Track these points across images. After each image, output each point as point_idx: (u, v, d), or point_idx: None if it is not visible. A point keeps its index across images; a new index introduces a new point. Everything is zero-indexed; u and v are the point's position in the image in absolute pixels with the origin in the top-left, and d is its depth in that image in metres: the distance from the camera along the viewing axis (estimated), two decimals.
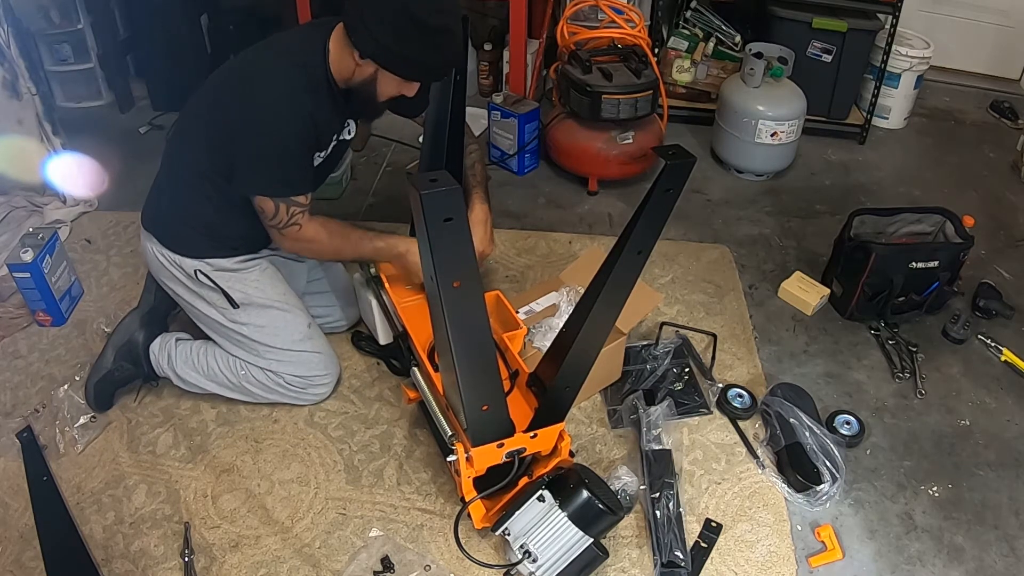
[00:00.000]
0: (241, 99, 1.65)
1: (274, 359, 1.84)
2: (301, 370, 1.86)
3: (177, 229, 1.81)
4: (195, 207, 1.78)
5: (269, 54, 1.71)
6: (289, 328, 1.85)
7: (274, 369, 1.84)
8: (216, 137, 1.68)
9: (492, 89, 3.38)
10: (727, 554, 1.64)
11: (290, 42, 1.73)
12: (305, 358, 1.86)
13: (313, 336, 1.90)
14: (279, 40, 1.75)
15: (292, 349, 1.85)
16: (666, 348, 2.06)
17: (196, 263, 1.80)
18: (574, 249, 2.52)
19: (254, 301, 1.83)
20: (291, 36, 1.76)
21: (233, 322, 1.83)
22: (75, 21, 3.13)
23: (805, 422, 1.81)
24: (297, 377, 1.86)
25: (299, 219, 1.71)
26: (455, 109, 1.85)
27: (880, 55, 3.10)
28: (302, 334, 1.87)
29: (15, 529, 1.67)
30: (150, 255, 1.85)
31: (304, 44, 1.69)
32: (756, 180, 2.95)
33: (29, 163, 2.56)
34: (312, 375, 1.88)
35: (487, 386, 1.36)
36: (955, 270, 2.21)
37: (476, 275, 1.19)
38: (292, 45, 1.71)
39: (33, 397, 1.97)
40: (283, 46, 1.72)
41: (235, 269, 1.84)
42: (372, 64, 1.63)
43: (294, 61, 1.66)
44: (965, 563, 1.65)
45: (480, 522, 1.60)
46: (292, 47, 1.70)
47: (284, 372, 1.85)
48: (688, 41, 3.20)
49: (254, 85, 1.65)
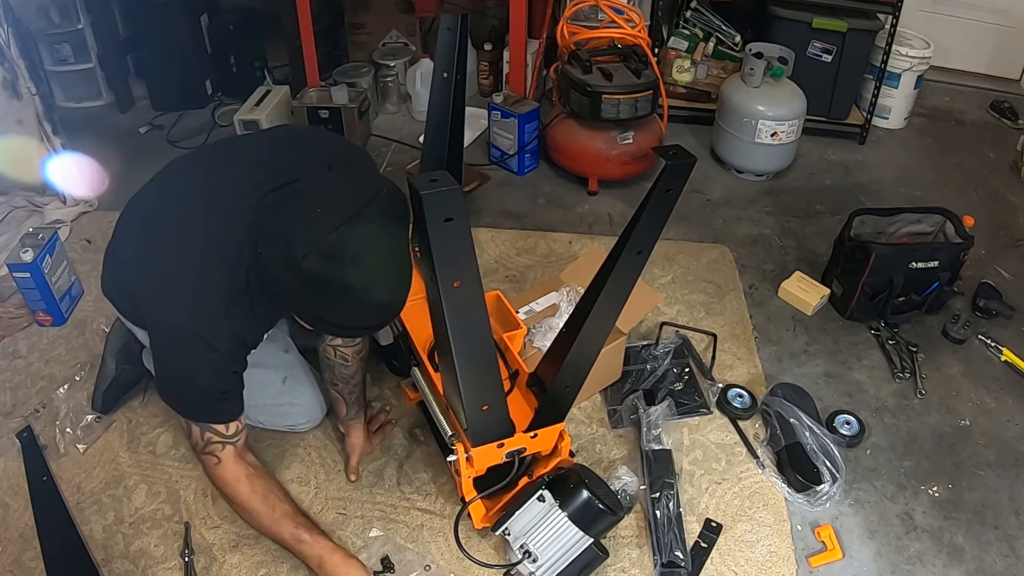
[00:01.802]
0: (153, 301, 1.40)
1: (250, 411, 1.58)
2: (280, 420, 1.81)
3: (134, 302, 1.53)
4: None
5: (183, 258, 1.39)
6: (261, 387, 1.67)
7: (252, 417, 1.74)
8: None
9: (492, 89, 3.38)
10: (727, 554, 1.64)
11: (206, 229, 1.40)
12: (283, 411, 1.80)
13: (290, 389, 1.78)
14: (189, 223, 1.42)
15: (266, 404, 1.76)
16: (666, 348, 2.06)
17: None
18: (574, 249, 2.52)
19: None
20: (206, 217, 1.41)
21: None
22: (75, 21, 3.13)
23: (805, 422, 1.81)
24: (277, 424, 1.82)
25: (219, 452, 1.45)
26: (455, 109, 1.85)
27: (880, 55, 3.10)
28: (275, 390, 1.76)
29: (15, 529, 1.67)
30: (116, 314, 1.70)
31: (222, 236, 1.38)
32: (756, 180, 2.95)
33: (29, 163, 2.56)
34: (291, 423, 1.83)
35: (487, 386, 1.36)
36: (955, 270, 2.21)
37: (476, 275, 1.19)
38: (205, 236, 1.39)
39: (33, 397, 1.97)
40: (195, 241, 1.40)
41: None
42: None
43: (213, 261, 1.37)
44: (965, 563, 1.65)
45: (480, 522, 1.60)
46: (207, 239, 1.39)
47: (264, 421, 1.80)
48: (688, 41, 3.20)
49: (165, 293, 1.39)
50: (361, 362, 1.75)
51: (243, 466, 1.48)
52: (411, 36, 3.45)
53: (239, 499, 1.48)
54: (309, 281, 1.24)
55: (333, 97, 2.92)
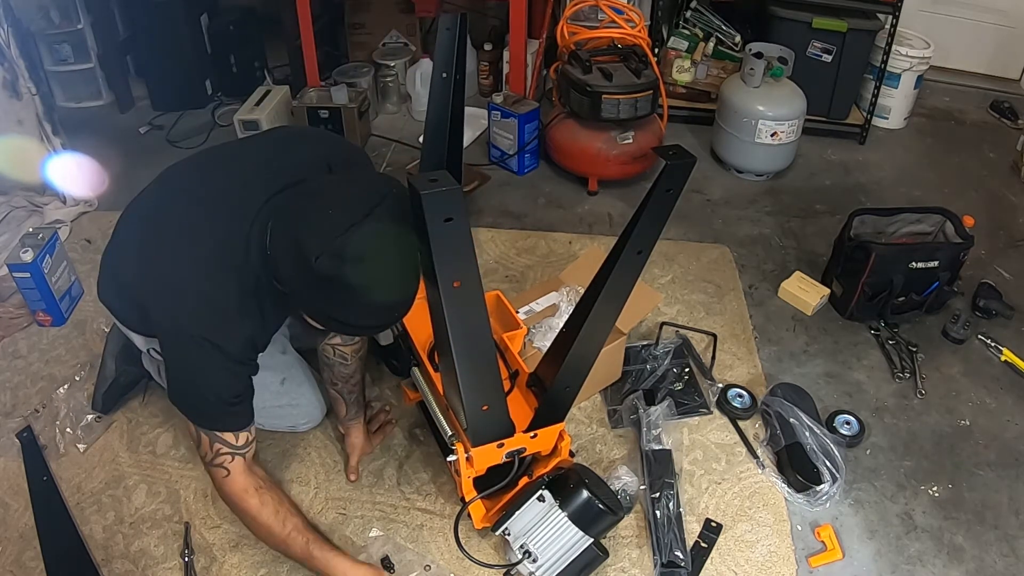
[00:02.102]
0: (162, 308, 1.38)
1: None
2: (278, 421, 1.81)
3: (128, 309, 1.57)
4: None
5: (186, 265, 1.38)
6: (260, 389, 1.57)
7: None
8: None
9: (492, 89, 3.38)
10: (727, 554, 1.64)
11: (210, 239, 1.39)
12: (282, 412, 1.79)
13: (288, 390, 1.78)
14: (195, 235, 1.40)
15: (264, 406, 1.67)
16: (666, 348, 2.06)
17: (149, 342, 1.62)
18: (574, 249, 2.52)
19: None
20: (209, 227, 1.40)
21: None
22: (75, 21, 3.13)
23: (805, 422, 1.81)
24: (276, 425, 1.82)
25: (226, 462, 1.43)
26: (455, 109, 1.85)
27: (880, 55, 3.10)
28: (274, 391, 1.75)
29: (15, 529, 1.67)
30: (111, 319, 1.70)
31: (229, 239, 1.37)
32: (756, 180, 2.95)
33: (29, 163, 2.56)
34: (291, 424, 1.83)
35: (487, 386, 1.36)
36: (955, 270, 2.21)
37: (476, 275, 1.19)
38: (213, 245, 1.38)
39: (33, 397, 1.97)
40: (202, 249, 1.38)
41: None
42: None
43: (222, 265, 1.36)
44: (965, 563, 1.65)
45: (480, 522, 1.60)
46: (215, 248, 1.38)
47: (263, 422, 1.78)
48: (688, 41, 3.20)
49: (173, 300, 1.37)
50: (360, 361, 1.75)
51: (252, 479, 1.45)
52: (411, 36, 3.45)
53: (249, 513, 1.45)
54: (321, 282, 1.24)
55: (333, 97, 2.92)
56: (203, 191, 1.48)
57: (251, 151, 1.62)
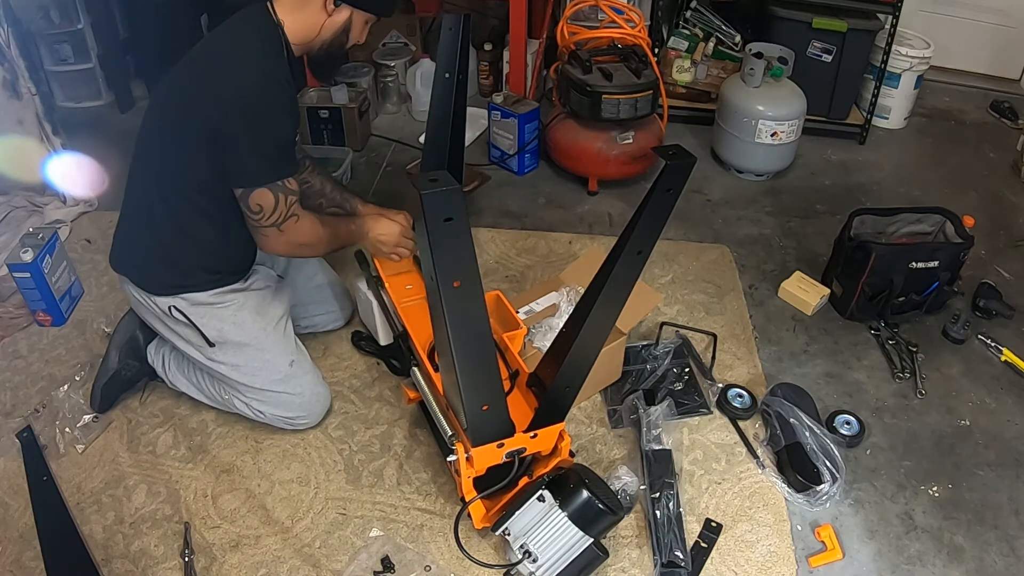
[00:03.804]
0: (222, 88, 1.56)
1: (254, 398, 1.79)
2: (280, 410, 1.81)
3: (152, 267, 1.73)
4: (190, 229, 1.68)
5: (227, 41, 1.66)
6: (267, 368, 1.77)
7: (254, 406, 1.80)
8: (202, 139, 1.57)
9: (492, 89, 3.38)
10: (727, 554, 1.64)
11: (240, 30, 1.66)
12: (284, 399, 1.80)
13: (296, 375, 1.81)
14: (226, 32, 1.68)
15: (270, 390, 1.78)
16: (666, 348, 2.06)
17: (170, 300, 1.72)
18: (574, 249, 2.52)
19: (229, 339, 1.75)
20: (235, 25, 1.68)
21: (211, 360, 1.77)
22: (75, 21, 3.14)
23: (805, 422, 1.81)
24: (277, 416, 1.82)
25: (296, 209, 1.65)
26: (456, 109, 1.85)
27: (880, 55, 3.10)
28: (281, 374, 1.79)
29: (15, 529, 1.67)
30: (128, 293, 1.79)
31: (252, 24, 1.64)
32: (756, 180, 2.95)
33: (29, 163, 2.56)
34: (291, 415, 1.83)
35: (487, 386, 1.36)
36: (955, 270, 2.21)
37: (476, 275, 1.19)
38: (245, 32, 1.64)
39: (33, 397, 1.97)
40: (237, 34, 1.65)
41: (211, 303, 1.74)
42: (346, 9, 1.63)
43: (259, 38, 1.61)
44: (965, 563, 1.65)
45: (480, 522, 1.60)
46: (246, 32, 1.64)
47: (264, 410, 1.81)
48: (688, 41, 3.20)
49: (231, 72, 1.58)
50: (319, 176, 1.95)
51: (307, 214, 1.68)
52: (411, 36, 3.45)
53: (321, 242, 1.72)
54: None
55: (333, 97, 2.92)
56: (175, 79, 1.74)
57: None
